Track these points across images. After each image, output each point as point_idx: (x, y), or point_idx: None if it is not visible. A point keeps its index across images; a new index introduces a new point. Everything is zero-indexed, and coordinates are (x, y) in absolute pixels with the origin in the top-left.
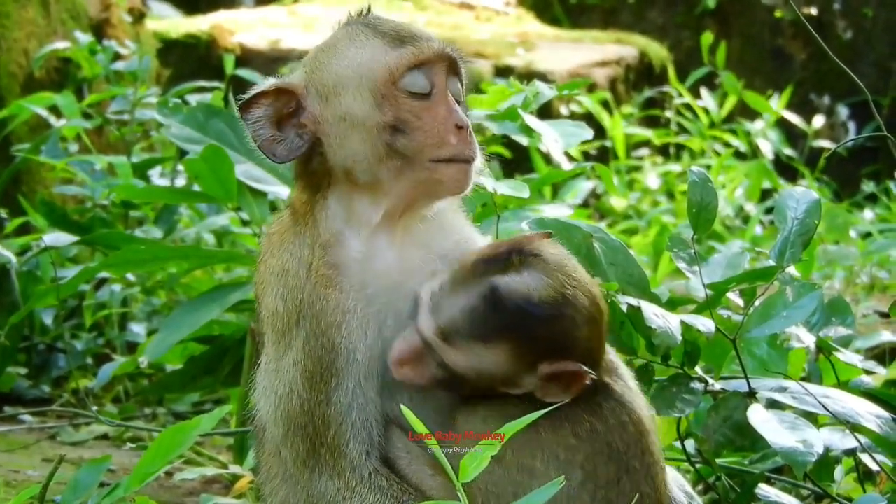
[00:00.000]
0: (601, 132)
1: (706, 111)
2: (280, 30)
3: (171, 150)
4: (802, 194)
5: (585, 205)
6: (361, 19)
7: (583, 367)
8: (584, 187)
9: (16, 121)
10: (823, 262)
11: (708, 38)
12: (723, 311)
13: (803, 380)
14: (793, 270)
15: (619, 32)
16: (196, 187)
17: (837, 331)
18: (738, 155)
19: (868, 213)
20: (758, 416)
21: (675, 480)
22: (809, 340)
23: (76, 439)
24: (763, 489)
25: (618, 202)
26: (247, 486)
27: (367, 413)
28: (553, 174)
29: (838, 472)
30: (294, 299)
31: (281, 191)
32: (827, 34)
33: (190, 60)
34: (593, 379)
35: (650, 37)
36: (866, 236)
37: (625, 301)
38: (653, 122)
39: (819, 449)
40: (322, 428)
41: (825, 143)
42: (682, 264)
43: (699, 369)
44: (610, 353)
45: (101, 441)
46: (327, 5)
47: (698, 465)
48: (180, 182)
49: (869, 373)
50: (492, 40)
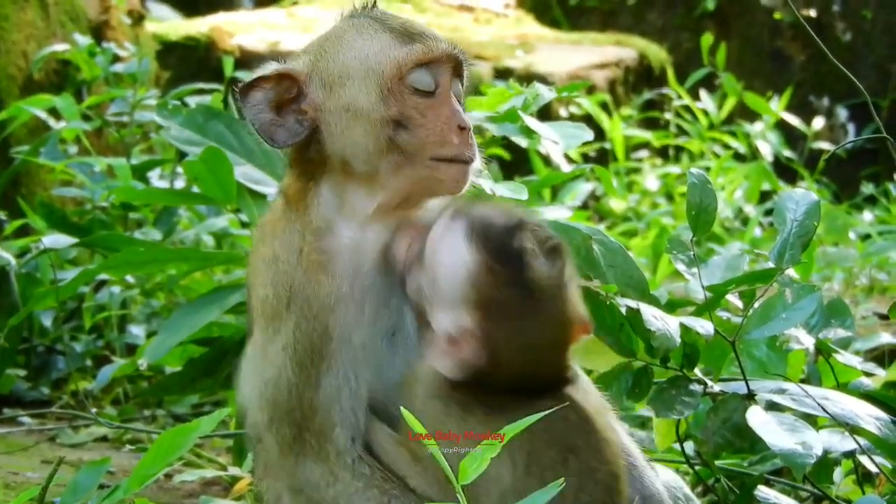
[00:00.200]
0: (600, 134)
1: (705, 113)
2: (279, 32)
3: (171, 152)
4: (802, 196)
5: (584, 207)
6: (368, 12)
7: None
8: (584, 189)
9: (15, 123)
10: (823, 263)
11: (707, 39)
12: (722, 313)
13: (802, 381)
14: (792, 272)
15: (618, 34)
16: (195, 189)
17: (837, 332)
18: (738, 157)
19: (867, 215)
20: (757, 418)
21: (673, 482)
22: (809, 342)
23: (75, 441)
24: (762, 491)
25: (617, 204)
26: (246, 488)
27: (354, 399)
28: (552, 176)
29: (837, 473)
30: (284, 284)
31: None
32: (826, 36)
33: (189, 62)
34: None
35: (649, 39)
36: (865, 238)
37: (624, 303)
38: (652, 124)
39: (818, 451)
40: (309, 412)
41: (824, 145)
42: (681, 266)
43: (698, 371)
44: None
45: (101, 443)
46: (326, 7)
47: (697, 467)
48: (179, 184)
49: (868, 374)
50: (491, 42)
